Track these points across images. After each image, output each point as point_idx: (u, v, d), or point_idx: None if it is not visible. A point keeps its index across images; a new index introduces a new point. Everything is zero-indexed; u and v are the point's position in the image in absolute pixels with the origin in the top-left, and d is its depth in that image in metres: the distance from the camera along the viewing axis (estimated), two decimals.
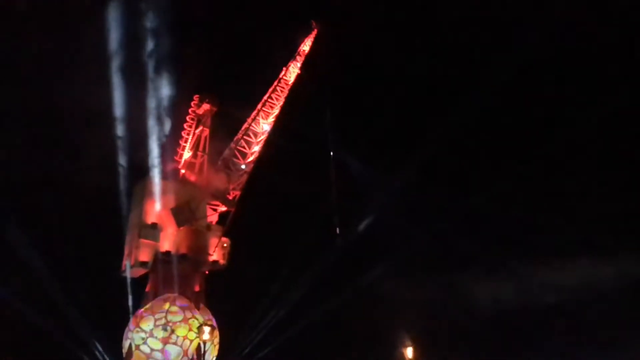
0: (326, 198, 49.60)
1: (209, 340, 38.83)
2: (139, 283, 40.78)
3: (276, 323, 42.10)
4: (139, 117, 41.02)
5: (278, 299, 42.86)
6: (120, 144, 40.70)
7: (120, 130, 40.54)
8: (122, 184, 41.22)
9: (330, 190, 50.25)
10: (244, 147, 49.27)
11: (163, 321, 38.05)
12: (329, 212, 48.65)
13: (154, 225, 40.06)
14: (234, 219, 45.55)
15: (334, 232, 47.77)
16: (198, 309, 40.01)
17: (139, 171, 42.38)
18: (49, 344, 36.41)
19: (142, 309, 38.66)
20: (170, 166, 43.56)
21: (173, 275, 39.62)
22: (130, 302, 38.83)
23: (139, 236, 39.47)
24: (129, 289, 38.97)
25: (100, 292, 40.38)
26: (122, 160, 40.69)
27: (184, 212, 41.03)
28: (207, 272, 44.37)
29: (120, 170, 40.98)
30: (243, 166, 48.57)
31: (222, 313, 41.23)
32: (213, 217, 46.17)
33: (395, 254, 48.21)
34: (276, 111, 52.31)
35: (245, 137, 49.76)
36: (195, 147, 46.84)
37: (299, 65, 56.07)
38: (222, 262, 43.57)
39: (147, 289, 40.23)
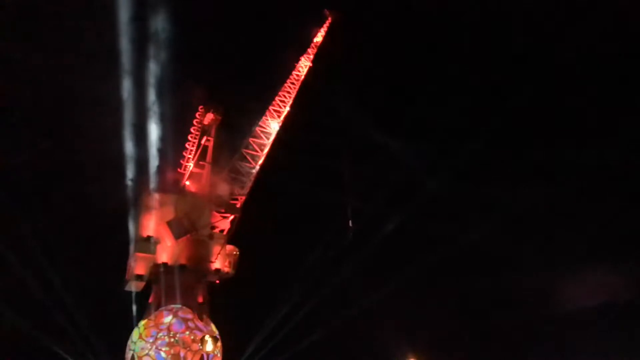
0: (337, 199, 47.73)
1: (212, 352, 38.42)
2: (146, 295, 41.14)
3: (283, 334, 40.75)
4: (143, 131, 41.11)
5: (286, 309, 41.45)
6: (127, 157, 40.98)
7: (128, 145, 40.65)
8: (130, 198, 41.61)
9: (342, 189, 48.39)
10: (254, 150, 48.17)
11: (166, 332, 38.14)
12: (341, 215, 46.99)
13: (149, 238, 40.08)
14: (240, 225, 44.75)
15: (345, 234, 46.01)
16: (201, 320, 39.60)
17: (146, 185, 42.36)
18: (53, 356, 37.60)
19: (145, 320, 38.88)
20: (171, 178, 43.30)
21: (175, 286, 39.39)
22: (134, 314, 39.22)
23: (135, 250, 39.75)
24: (133, 301, 39.35)
25: (105, 305, 41.17)
26: (129, 174, 41.02)
27: (182, 224, 40.63)
28: (217, 282, 44.00)
29: (128, 184, 41.35)
30: (253, 170, 47.57)
31: (227, 323, 40.55)
32: (224, 225, 45.64)
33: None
34: (287, 109, 50.60)
35: (254, 139, 48.65)
36: (200, 157, 46.29)
37: (311, 57, 53.84)
38: (227, 270, 42.86)
39: (150, 300, 40.44)
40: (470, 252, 47.50)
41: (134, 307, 39.63)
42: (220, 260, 42.43)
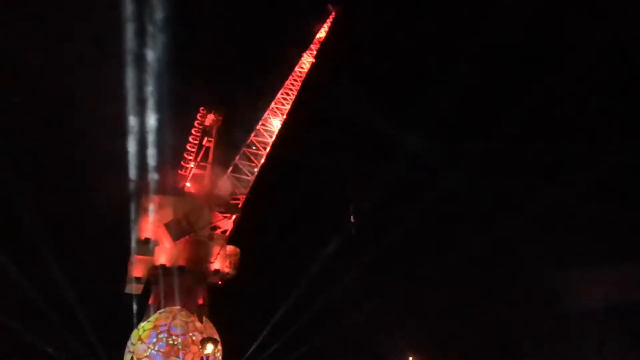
0: (340, 197, 47.01)
1: (212, 354, 38.09)
2: (147, 297, 41.01)
3: (285, 335, 40.30)
4: (143, 132, 40.78)
5: (287, 310, 40.95)
6: (130, 160, 40.73)
7: (130, 146, 40.31)
8: (131, 199, 41.41)
9: (344, 186, 47.75)
10: (256, 149, 47.67)
11: (165, 334, 38.04)
12: (344, 213, 46.24)
13: (147, 240, 39.92)
14: (242, 225, 44.38)
15: (348, 232, 45.37)
16: (201, 322, 39.32)
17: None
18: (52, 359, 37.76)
19: (144, 322, 38.76)
20: (171, 180, 42.98)
21: (174, 288, 39.20)
22: (134, 316, 39.21)
23: (133, 252, 39.69)
24: (134, 303, 39.36)
25: (106, 307, 41.20)
26: (129, 175, 40.77)
27: (179, 226, 40.34)
28: (219, 283, 43.68)
29: (128, 185, 41.15)
30: (255, 169, 47.07)
31: (228, 324, 40.19)
32: (227, 225, 45.25)
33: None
34: (289, 106, 49.97)
35: (256, 138, 48.17)
36: (202, 159, 45.90)
37: (314, 53, 53.01)
38: (227, 270, 42.50)
39: (150, 302, 40.32)
40: (475, 252, 46.32)
41: (134, 309, 39.54)
42: (220, 260, 42.07)
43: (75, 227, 43.99)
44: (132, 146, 40.27)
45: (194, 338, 38.82)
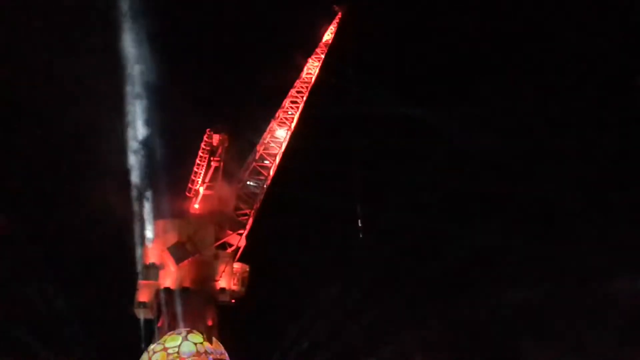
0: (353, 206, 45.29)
1: None
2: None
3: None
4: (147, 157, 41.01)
5: (300, 330, 39.69)
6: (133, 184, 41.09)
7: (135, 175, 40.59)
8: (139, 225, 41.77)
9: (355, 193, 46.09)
10: (265, 161, 46.78)
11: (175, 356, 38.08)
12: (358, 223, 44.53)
13: (152, 265, 39.99)
14: (253, 240, 43.61)
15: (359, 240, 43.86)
16: (211, 343, 38.96)
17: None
18: None
19: (153, 345, 38.86)
20: (176, 203, 42.99)
21: (183, 310, 39.15)
22: (143, 339, 39.57)
23: (138, 277, 40.05)
24: (142, 326, 39.80)
25: (117, 330, 41.70)
26: (138, 200, 41.15)
27: (183, 249, 40.07)
28: (233, 301, 43.06)
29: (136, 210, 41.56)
30: (265, 182, 46.18)
31: (239, 347, 39.51)
32: (239, 242, 44.69)
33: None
34: (297, 114, 48.70)
35: (265, 150, 47.27)
36: (210, 179, 45.34)
37: (320, 58, 51.29)
38: (235, 288, 41.81)
39: (158, 325, 40.44)
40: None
41: (143, 332, 39.92)
42: (227, 278, 41.42)
43: (85, 245, 44.70)
44: (135, 169, 40.81)
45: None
